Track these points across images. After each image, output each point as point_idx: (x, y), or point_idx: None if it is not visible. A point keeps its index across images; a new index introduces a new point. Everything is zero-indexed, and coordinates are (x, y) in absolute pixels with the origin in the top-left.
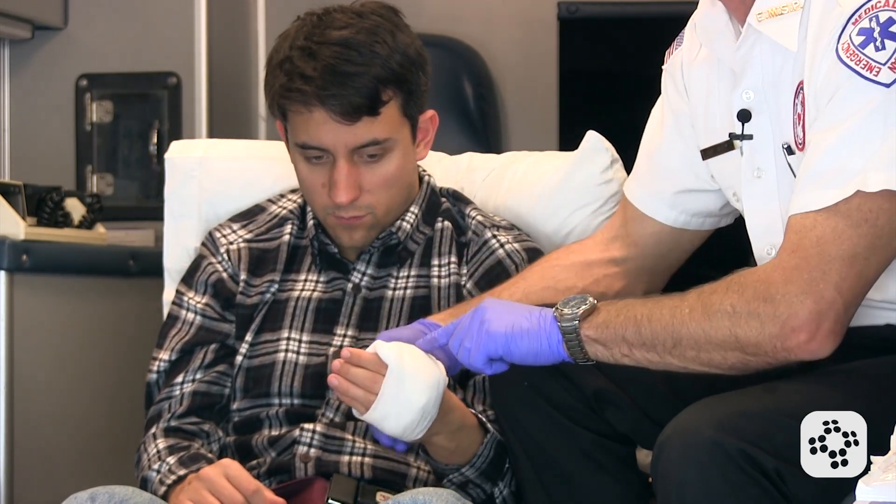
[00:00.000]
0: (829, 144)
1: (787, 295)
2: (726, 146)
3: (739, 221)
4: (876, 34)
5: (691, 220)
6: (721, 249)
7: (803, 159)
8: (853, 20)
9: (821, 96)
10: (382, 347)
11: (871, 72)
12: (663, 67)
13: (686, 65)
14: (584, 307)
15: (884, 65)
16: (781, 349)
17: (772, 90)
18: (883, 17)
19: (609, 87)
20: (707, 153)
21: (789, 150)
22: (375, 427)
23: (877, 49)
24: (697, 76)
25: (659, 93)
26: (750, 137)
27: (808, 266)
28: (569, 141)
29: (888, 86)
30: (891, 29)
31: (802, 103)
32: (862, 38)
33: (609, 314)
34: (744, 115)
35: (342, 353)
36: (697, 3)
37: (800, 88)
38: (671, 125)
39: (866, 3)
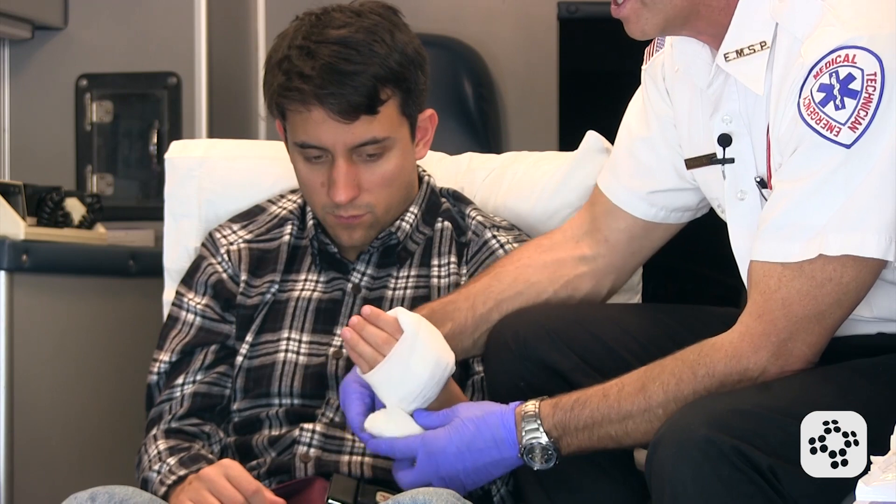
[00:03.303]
0: (793, 199)
1: (759, 362)
2: (708, 159)
3: None
4: (836, 91)
5: (670, 215)
6: (718, 250)
7: (767, 205)
8: (814, 73)
9: (784, 147)
10: (403, 314)
11: (831, 132)
12: (643, 67)
13: (668, 73)
14: (547, 449)
15: (843, 124)
16: None
17: (747, 122)
18: (843, 73)
19: (609, 87)
20: (691, 163)
21: (762, 184)
22: (375, 389)
23: (836, 108)
24: (680, 89)
25: None
26: (732, 161)
27: (775, 330)
28: (569, 141)
29: (848, 146)
30: (850, 86)
31: (768, 145)
32: (822, 94)
33: (580, 440)
34: (724, 140)
35: (363, 309)
36: None
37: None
38: (655, 125)
39: (826, 56)
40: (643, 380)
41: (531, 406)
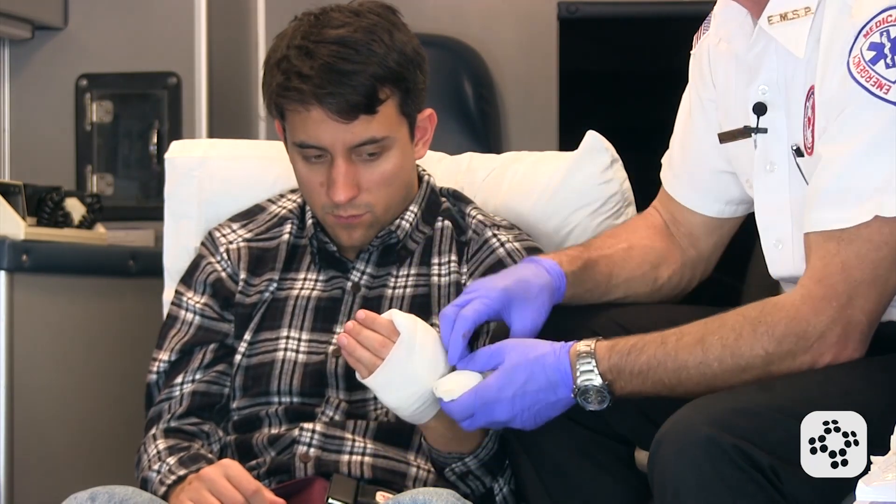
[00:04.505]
0: (843, 162)
1: (818, 326)
2: (742, 132)
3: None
4: (887, 50)
5: (725, 209)
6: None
7: (816, 172)
8: (864, 33)
9: (831, 108)
10: (398, 315)
11: (881, 89)
12: (692, 52)
13: (712, 51)
14: (601, 391)
15: (894, 83)
16: (809, 367)
17: (784, 90)
18: (893, 32)
19: (609, 87)
20: (724, 137)
21: (798, 152)
22: (376, 392)
23: (887, 66)
24: (722, 62)
25: (659, 93)
26: (764, 131)
27: (835, 294)
28: (569, 141)
29: None
30: None
31: (813, 108)
32: (872, 53)
33: (633, 384)
34: (759, 109)
35: (357, 314)
36: (698, 2)
37: (811, 93)
38: (698, 111)
39: (877, 16)
40: (702, 332)
41: (585, 346)
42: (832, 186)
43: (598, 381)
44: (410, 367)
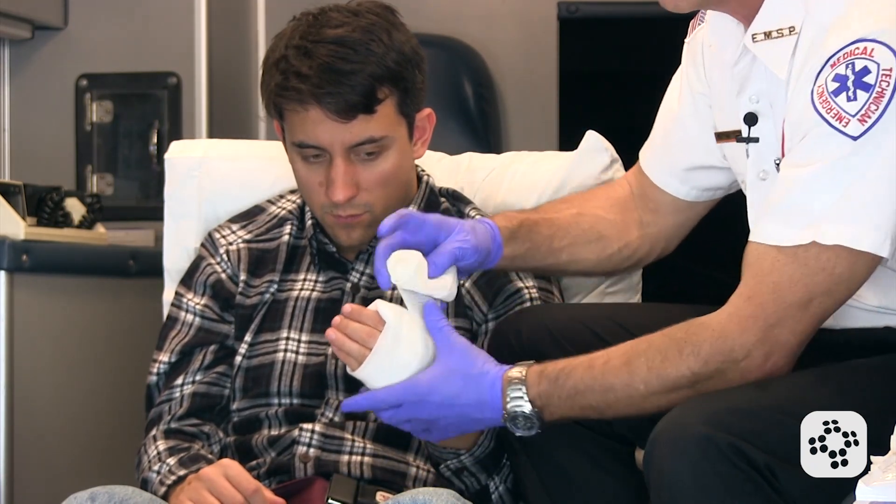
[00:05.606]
0: (795, 183)
1: (745, 345)
2: (736, 136)
3: (736, 220)
4: (850, 83)
5: (702, 194)
6: (720, 249)
7: (772, 188)
8: (832, 63)
9: (794, 131)
10: (383, 305)
11: (840, 122)
12: (686, 40)
13: (707, 48)
14: (530, 418)
15: (853, 116)
16: (737, 383)
17: (770, 103)
18: (859, 65)
19: (609, 87)
20: (720, 137)
21: (778, 167)
22: (365, 383)
23: (849, 99)
24: (714, 64)
25: (659, 93)
26: (756, 140)
27: (763, 314)
28: (569, 141)
29: (855, 138)
30: (864, 79)
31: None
32: (836, 84)
33: (563, 409)
34: (750, 119)
35: (343, 308)
36: None
37: None
38: (688, 101)
39: (846, 47)
40: (629, 354)
41: (518, 372)
42: (780, 205)
43: (527, 407)
44: (397, 354)
